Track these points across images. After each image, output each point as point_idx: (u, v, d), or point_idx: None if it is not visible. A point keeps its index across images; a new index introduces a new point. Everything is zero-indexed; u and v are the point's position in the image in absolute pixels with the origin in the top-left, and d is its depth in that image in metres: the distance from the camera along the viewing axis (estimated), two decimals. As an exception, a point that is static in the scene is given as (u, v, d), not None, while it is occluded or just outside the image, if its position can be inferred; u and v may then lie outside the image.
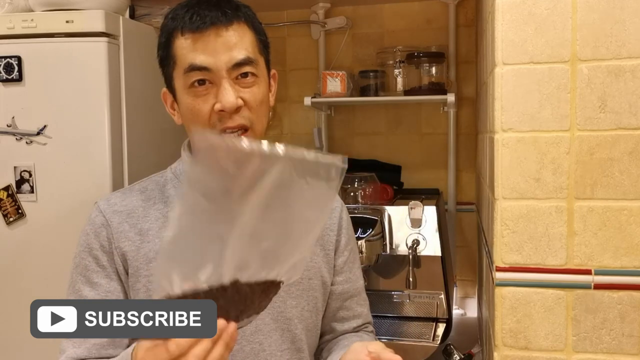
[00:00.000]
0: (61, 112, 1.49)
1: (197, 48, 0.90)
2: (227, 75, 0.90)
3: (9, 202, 1.52)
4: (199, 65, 0.90)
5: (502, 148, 1.02)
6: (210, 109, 0.91)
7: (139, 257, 0.96)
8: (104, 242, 0.97)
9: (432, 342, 1.65)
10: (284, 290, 0.98)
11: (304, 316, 1.03)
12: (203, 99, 0.91)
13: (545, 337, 1.02)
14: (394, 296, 1.77)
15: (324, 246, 1.08)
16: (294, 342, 1.02)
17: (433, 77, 1.91)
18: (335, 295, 1.10)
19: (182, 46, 0.91)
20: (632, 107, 0.97)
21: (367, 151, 2.15)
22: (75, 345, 0.95)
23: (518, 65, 1.01)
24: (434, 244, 1.68)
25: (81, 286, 0.97)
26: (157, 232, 0.97)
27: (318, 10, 2.09)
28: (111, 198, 1.01)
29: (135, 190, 1.02)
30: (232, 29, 0.91)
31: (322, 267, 1.06)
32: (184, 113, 0.96)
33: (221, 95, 0.90)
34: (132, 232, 0.97)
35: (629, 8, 0.96)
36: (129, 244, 0.96)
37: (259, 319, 0.97)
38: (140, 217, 0.98)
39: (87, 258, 0.97)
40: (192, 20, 0.90)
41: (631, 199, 0.98)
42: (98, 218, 0.98)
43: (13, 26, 1.50)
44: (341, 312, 1.11)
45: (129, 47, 1.56)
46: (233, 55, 0.91)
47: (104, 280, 0.96)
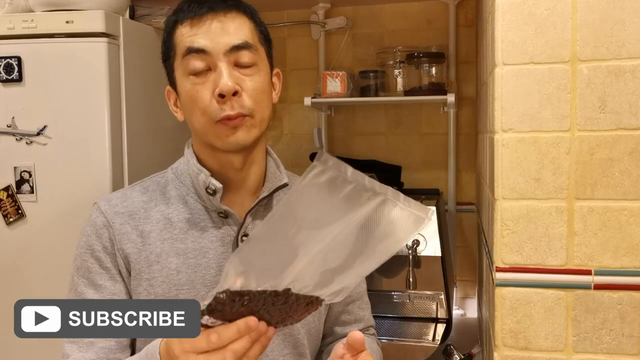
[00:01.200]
0: (61, 112, 1.49)
1: (194, 33, 0.90)
2: (225, 59, 0.90)
3: (9, 202, 1.52)
4: (196, 47, 0.89)
5: (502, 148, 1.02)
6: (211, 95, 0.90)
7: (140, 260, 0.95)
8: (107, 243, 0.95)
9: (432, 342, 1.65)
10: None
11: (306, 320, 1.02)
12: (202, 85, 0.90)
13: (546, 337, 1.02)
14: (394, 296, 1.77)
15: None
16: (296, 346, 1.01)
17: (433, 77, 1.91)
18: None
19: (181, 34, 0.92)
20: (632, 108, 0.97)
21: (367, 151, 2.15)
22: (82, 349, 0.93)
23: (518, 65, 1.01)
24: (434, 244, 1.68)
25: (84, 289, 0.95)
26: (159, 234, 0.96)
27: (318, 10, 2.09)
28: (112, 199, 0.99)
29: (136, 191, 1.01)
30: (231, 16, 0.91)
31: None
32: (184, 103, 0.94)
33: (218, 78, 0.89)
34: (134, 234, 0.96)
35: (629, 8, 0.96)
36: (132, 246, 0.95)
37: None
38: (141, 218, 0.97)
39: (89, 260, 0.96)
40: (190, 8, 0.91)
41: (631, 199, 0.98)
42: (99, 219, 0.97)
43: (13, 26, 1.50)
44: (343, 316, 1.11)
45: (129, 47, 1.56)
46: (231, 39, 0.90)
47: (109, 283, 0.95)
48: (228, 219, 0.98)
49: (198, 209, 0.98)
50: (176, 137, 1.05)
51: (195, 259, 0.95)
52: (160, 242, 0.95)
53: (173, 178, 1.02)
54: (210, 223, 0.97)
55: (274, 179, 1.01)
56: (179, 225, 0.97)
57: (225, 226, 0.98)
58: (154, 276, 0.94)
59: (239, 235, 0.97)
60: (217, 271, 0.96)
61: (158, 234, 0.96)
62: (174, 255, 0.95)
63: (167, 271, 0.94)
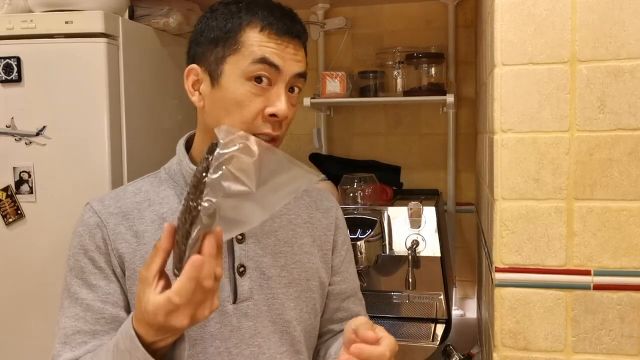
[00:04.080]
0: (61, 113, 1.49)
1: (272, 46, 0.91)
2: (286, 83, 0.93)
3: (8, 203, 1.52)
4: (272, 62, 0.91)
5: (502, 149, 1.02)
6: (261, 109, 0.91)
7: (135, 260, 0.94)
8: (100, 243, 0.95)
9: (431, 343, 1.65)
10: (283, 292, 0.99)
11: (303, 318, 1.03)
12: (257, 97, 0.91)
13: (545, 338, 1.02)
14: (394, 297, 1.77)
15: (322, 246, 1.07)
16: (293, 344, 1.01)
17: (433, 77, 1.91)
18: (333, 295, 1.10)
19: (258, 39, 0.91)
20: (631, 108, 0.97)
21: (366, 152, 2.15)
22: (74, 349, 0.92)
23: (517, 66, 1.01)
24: (433, 244, 1.68)
25: (78, 289, 0.94)
26: (154, 234, 0.95)
27: (317, 11, 2.09)
28: (105, 200, 0.99)
29: (129, 192, 1.00)
30: (303, 49, 0.96)
31: (320, 268, 1.06)
32: (223, 100, 0.92)
33: (279, 101, 0.91)
34: (129, 234, 0.95)
35: (629, 9, 0.96)
36: (126, 246, 0.95)
37: (259, 322, 0.97)
38: (136, 219, 0.96)
39: (82, 260, 0.95)
40: (269, 18, 0.92)
41: (631, 200, 0.98)
42: (92, 219, 0.96)
43: (12, 27, 1.50)
44: (339, 313, 1.11)
45: (129, 48, 1.56)
46: (299, 67, 0.94)
47: (103, 282, 0.94)
48: None
49: None
50: (175, 138, 1.05)
51: None
52: (155, 241, 0.94)
53: (167, 178, 1.01)
54: None
55: None
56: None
57: None
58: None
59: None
60: None
61: (153, 234, 0.95)
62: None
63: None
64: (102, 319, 0.93)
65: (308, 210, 1.08)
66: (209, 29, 0.94)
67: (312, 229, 1.07)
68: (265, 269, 0.99)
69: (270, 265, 0.99)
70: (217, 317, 0.95)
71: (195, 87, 0.95)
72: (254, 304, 0.97)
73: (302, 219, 1.07)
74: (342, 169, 1.91)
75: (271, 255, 1.00)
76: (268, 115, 0.91)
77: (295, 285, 1.02)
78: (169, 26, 1.72)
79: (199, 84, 0.95)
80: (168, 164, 1.04)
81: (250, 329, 0.97)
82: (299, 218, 1.06)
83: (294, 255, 1.03)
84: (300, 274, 1.03)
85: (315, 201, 1.11)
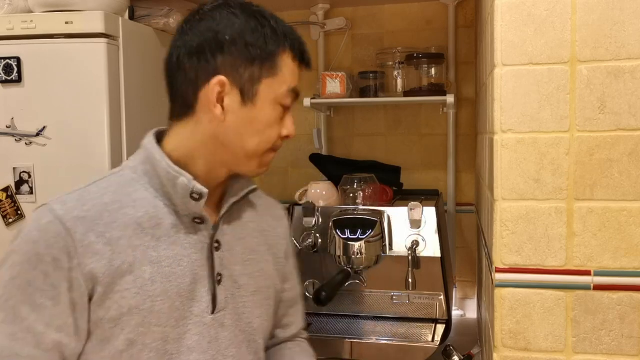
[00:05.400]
0: (60, 113, 1.49)
1: (297, 77, 0.97)
2: None
3: (8, 203, 1.52)
4: (298, 92, 0.97)
5: (502, 149, 1.02)
6: (279, 133, 0.96)
7: (111, 272, 0.85)
8: (60, 256, 0.82)
9: (431, 343, 1.65)
10: (250, 300, 1.00)
11: (264, 326, 1.03)
12: (280, 120, 0.96)
13: (545, 338, 1.02)
14: (394, 297, 1.77)
15: (276, 254, 1.07)
16: (257, 352, 1.02)
17: (432, 78, 1.91)
18: (283, 302, 1.11)
19: (291, 67, 0.95)
20: (631, 108, 0.97)
21: (366, 152, 2.15)
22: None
23: (517, 66, 1.01)
24: (433, 245, 1.68)
25: (20, 306, 0.82)
26: (129, 240, 0.87)
27: (317, 11, 2.09)
28: (66, 201, 0.87)
29: (94, 193, 0.90)
30: None
31: (275, 275, 1.06)
32: (254, 119, 0.92)
33: (291, 124, 0.97)
34: (100, 243, 0.85)
35: (629, 9, 0.96)
36: (97, 260, 0.84)
37: (232, 332, 0.96)
38: (107, 224, 0.86)
39: (31, 272, 0.82)
40: (305, 55, 0.97)
41: (631, 200, 0.98)
42: (53, 226, 0.83)
43: (12, 27, 1.50)
44: (285, 319, 1.13)
45: (129, 48, 1.56)
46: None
47: (50, 303, 0.82)
48: (201, 225, 0.93)
49: (168, 214, 0.91)
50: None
51: (170, 268, 0.89)
52: (132, 249, 0.87)
53: (136, 178, 0.92)
54: (183, 229, 0.92)
55: (244, 183, 1.01)
56: (149, 231, 0.89)
57: (198, 232, 0.93)
58: (127, 288, 0.85)
59: (212, 241, 0.94)
60: (192, 280, 0.91)
61: (129, 241, 0.87)
62: (148, 264, 0.88)
63: (141, 281, 0.86)
64: (42, 343, 0.83)
65: (263, 218, 1.08)
66: (244, 43, 0.90)
67: (268, 236, 1.07)
68: (237, 277, 0.98)
69: (241, 273, 0.99)
70: (195, 328, 0.92)
71: (220, 100, 0.90)
72: (229, 313, 0.96)
73: (261, 227, 1.06)
74: (342, 169, 1.91)
75: (240, 263, 0.99)
76: (284, 137, 0.97)
77: (259, 294, 1.01)
78: (169, 26, 1.73)
79: (221, 96, 0.90)
80: (131, 163, 0.96)
81: (225, 339, 0.95)
82: (259, 226, 1.06)
83: (258, 263, 1.02)
84: (263, 282, 1.03)
85: (268, 209, 1.11)
